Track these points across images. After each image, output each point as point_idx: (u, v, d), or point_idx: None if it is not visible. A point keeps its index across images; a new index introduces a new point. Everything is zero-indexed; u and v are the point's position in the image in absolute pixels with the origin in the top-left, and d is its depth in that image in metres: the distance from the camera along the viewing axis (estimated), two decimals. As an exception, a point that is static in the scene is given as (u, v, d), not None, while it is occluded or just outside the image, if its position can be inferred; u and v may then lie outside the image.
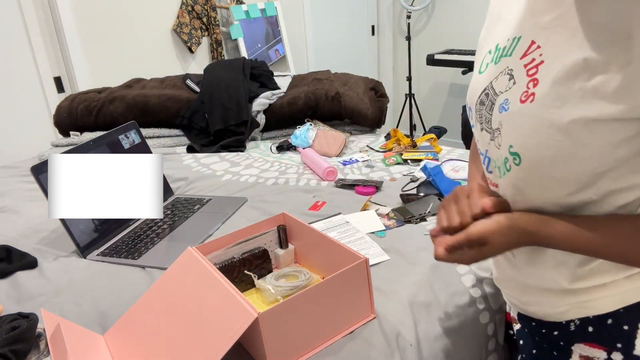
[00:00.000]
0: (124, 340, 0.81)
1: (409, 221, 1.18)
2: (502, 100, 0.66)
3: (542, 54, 0.61)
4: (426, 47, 4.06)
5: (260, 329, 0.70)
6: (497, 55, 0.70)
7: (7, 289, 1.04)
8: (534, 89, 0.61)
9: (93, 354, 0.78)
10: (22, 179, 1.74)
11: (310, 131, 1.83)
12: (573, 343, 0.70)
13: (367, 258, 0.81)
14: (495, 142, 0.68)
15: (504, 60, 0.68)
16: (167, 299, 0.81)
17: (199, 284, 0.78)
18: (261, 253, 0.97)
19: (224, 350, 0.65)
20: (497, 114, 0.67)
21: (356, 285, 0.82)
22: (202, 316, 0.73)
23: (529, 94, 0.61)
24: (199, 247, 0.91)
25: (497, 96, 0.67)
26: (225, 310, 0.70)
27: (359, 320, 0.84)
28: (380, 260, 1.02)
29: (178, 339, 0.73)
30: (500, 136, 0.66)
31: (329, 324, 0.80)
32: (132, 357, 0.77)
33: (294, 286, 0.89)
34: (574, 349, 0.70)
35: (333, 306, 0.79)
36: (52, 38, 2.44)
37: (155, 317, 0.79)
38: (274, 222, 1.01)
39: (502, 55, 0.69)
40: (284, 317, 0.73)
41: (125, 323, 0.84)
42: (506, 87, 0.66)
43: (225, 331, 0.68)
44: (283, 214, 1.02)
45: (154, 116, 2.01)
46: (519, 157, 0.63)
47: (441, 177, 1.30)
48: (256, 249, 0.97)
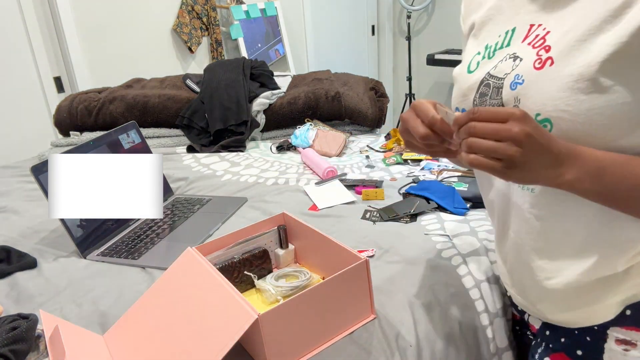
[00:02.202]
0: (123, 341, 0.81)
1: (395, 220, 1.18)
2: (512, 77, 0.64)
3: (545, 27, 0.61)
4: (426, 47, 4.06)
5: (261, 330, 0.70)
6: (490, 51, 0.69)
7: (6, 290, 1.04)
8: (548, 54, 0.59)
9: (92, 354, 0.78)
10: (22, 179, 1.74)
11: (310, 131, 1.83)
12: (608, 327, 0.68)
13: (368, 259, 0.81)
14: None
15: (500, 52, 0.67)
16: (167, 299, 0.81)
17: (198, 285, 0.78)
18: (261, 253, 0.97)
19: (224, 351, 0.65)
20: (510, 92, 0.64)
21: (356, 286, 0.81)
22: (202, 317, 0.73)
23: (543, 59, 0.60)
24: (199, 248, 0.91)
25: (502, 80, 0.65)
26: (225, 311, 0.70)
27: (359, 321, 0.84)
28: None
29: (178, 339, 0.73)
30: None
31: (329, 324, 0.79)
32: (132, 357, 0.77)
33: (294, 286, 0.89)
34: (609, 332, 0.68)
35: (333, 307, 0.79)
36: (52, 38, 2.43)
37: (155, 318, 0.79)
38: (274, 222, 1.01)
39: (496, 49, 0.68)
40: (284, 317, 0.73)
41: (124, 323, 0.84)
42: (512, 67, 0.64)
43: (225, 332, 0.68)
44: (283, 214, 1.02)
45: (154, 116, 2.01)
46: (550, 122, 0.59)
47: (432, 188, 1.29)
48: (256, 249, 0.97)
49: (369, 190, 1.33)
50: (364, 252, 1.05)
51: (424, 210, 1.21)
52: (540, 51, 0.60)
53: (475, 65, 0.71)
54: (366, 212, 1.25)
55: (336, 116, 1.98)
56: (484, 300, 0.95)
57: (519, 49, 0.64)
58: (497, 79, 0.66)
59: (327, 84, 2.04)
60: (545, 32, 0.61)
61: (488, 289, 0.96)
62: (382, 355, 0.79)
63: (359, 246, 1.09)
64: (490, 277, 0.99)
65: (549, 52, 0.59)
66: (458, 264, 1.00)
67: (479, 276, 0.98)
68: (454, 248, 1.06)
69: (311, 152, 1.65)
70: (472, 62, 0.72)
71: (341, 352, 0.78)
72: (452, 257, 1.02)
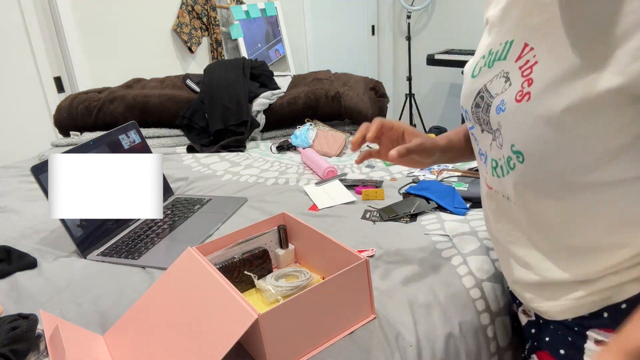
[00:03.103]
0: (123, 341, 0.81)
1: (395, 219, 1.18)
2: (499, 101, 0.67)
3: (535, 55, 0.62)
4: (426, 47, 4.06)
5: (261, 330, 0.70)
6: (491, 59, 0.71)
7: (6, 290, 1.04)
8: (529, 88, 0.61)
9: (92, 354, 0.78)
10: (22, 179, 1.74)
11: (310, 131, 1.83)
12: (588, 328, 0.70)
13: (368, 259, 0.81)
14: (496, 142, 0.68)
15: (497, 64, 0.69)
16: (167, 299, 0.81)
17: (199, 285, 0.78)
18: (261, 253, 0.97)
19: (224, 351, 0.65)
20: (495, 115, 0.67)
21: (356, 286, 0.81)
22: (202, 317, 0.73)
23: (523, 93, 0.62)
24: (199, 247, 0.91)
25: (492, 98, 0.68)
26: (225, 311, 0.70)
27: (359, 321, 0.84)
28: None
29: (178, 339, 0.73)
30: (501, 136, 0.66)
31: (330, 324, 0.79)
32: (132, 357, 0.77)
33: (294, 286, 0.89)
34: (588, 334, 0.70)
35: (333, 306, 0.79)
36: (52, 38, 2.44)
37: (155, 318, 0.79)
38: (274, 222, 1.01)
39: (495, 59, 0.69)
40: (284, 317, 0.73)
41: (125, 323, 0.84)
42: (502, 89, 0.66)
43: (225, 332, 0.68)
44: (283, 213, 1.02)
45: (154, 116, 2.01)
46: (522, 155, 0.63)
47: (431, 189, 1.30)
48: (256, 249, 0.97)
49: (369, 190, 1.33)
50: (364, 252, 1.05)
51: (424, 210, 1.21)
52: (524, 83, 0.63)
53: (478, 70, 0.73)
54: (366, 212, 1.25)
55: (336, 116, 1.98)
56: (484, 299, 0.95)
57: (512, 68, 0.66)
58: (489, 96, 0.69)
59: (327, 84, 2.04)
60: (534, 61, 0.62)
61: (489, 288, 0.96)
62: (382, 355, 0.79)
63: (359, 246, 1.09)
64: (491, 276, 0.99)
65: (530, 86, 0.61)
66: (458, 264, 1.00)
67: (480, 275, 0.98)
68: (454, 248, 1.06)
69: (311, 152, 1.65)
70: (477, 67, 0.74)
71: (341, 352, 0.78)
72: (452, 257, 1.02)
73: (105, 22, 2.59)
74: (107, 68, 2.64)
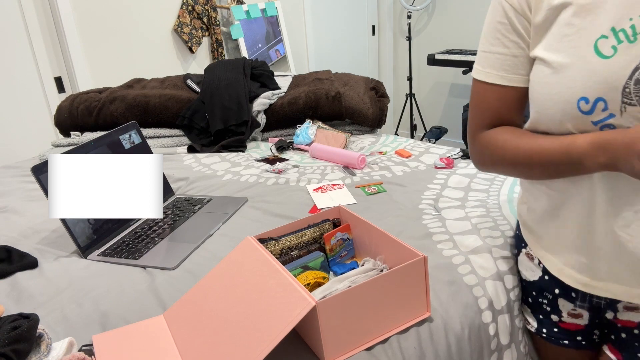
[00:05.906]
0: (183, 321, 0.83)
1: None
2: None
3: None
4: (427, 47, 4.06)
5: (318, 318, 0.71)
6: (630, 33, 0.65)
7: (7, 290, 1.04)
8: None
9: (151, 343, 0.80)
10: (22, 179, 1.74)
11: (310, 128, 1.84)
12: None
13: (426, 256, 0.82)
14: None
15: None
16: (225, 283, 0.82)
17: (257, 271, 0.79)
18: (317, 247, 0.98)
19: (280, 336, 0.66)
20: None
21: (414, 282, 0.82)
22: (260, 302, 0.74)
23: None
24: (256, 237, 0.92)
25: None
26: (283, 298, 0.71)
27: (414, 317, 0.84)
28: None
29: (235, 322, 0.74)
30: None
31: (385, 318, 0.80)
32: (191, 336, 0.79)
33: (368, 269, 0.86)
34: None
35: (390, 301, 0.79)
36: (53, 38, 2.44)
37: (214, 301, 0.81)
38: (328, 215, 1.02)
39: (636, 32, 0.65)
40: (341, 307, 0.73)
41: (184, 304, 0.85)
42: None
43: (282, 318, 0.69)
44: (339, 207, 1.03)
45: (155, 116, 2.00)
46: None
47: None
48: (311, 242, 0.98)
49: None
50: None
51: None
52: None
53: (612, 50, 0.66)
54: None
55: (337, 116, 1.98)
56: (487, 297, 0.95)
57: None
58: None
59: (327, 84, 2.04)
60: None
61: (492, 286, 0.96)
62: (383, 355, 0.79)
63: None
64: (494, 274, 0.98)
65: None
66: (460, 263, 1.00)
67: (482, 273, 0.98)
68: (455, 248, 1.05)
69: (321, 145, 1.64)
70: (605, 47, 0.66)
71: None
72: (453, 256, 1.02)
73: (106, 22, 2.59)
74: (108, 68, 2.64)
